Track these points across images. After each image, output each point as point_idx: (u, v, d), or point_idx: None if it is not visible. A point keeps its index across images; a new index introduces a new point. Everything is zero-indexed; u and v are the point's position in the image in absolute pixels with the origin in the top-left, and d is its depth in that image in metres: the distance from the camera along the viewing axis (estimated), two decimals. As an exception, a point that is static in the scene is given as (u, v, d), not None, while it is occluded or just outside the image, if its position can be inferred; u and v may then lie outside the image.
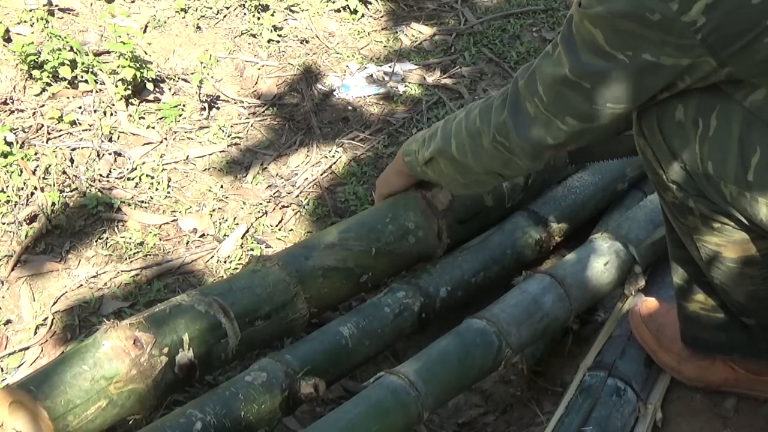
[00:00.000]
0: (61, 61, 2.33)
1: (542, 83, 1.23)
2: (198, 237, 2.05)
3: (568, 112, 1.22)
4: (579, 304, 1.61)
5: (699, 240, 1.30)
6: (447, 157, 1.45)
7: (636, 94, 1.16)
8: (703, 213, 1.24)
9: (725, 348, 1.49)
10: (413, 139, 1.60)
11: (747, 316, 1.40)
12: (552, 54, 1.22)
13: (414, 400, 1.37)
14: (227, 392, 1.37)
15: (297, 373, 1.42)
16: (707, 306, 1.45)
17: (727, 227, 1.24)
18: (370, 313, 1.57)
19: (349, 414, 1.33)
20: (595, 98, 1.17)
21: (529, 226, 1.80)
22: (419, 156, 1.54)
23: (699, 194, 1.22)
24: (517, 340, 1.50)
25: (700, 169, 1.18)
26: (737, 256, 1.28)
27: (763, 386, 1.54)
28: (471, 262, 1.72)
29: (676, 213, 1.30)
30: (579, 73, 1.17)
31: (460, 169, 1.45)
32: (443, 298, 1.66)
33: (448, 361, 1.44)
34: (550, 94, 1.22)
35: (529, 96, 1.26)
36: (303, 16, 2.84)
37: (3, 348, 1.78)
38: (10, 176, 2.07)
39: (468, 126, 1.39)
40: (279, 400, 1.39)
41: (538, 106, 1.24)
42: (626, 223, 1.71)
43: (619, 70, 1.13)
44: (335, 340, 1.51)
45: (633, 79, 1.13)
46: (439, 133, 1.48)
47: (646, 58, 1.10)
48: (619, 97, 1.16)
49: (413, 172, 1.60)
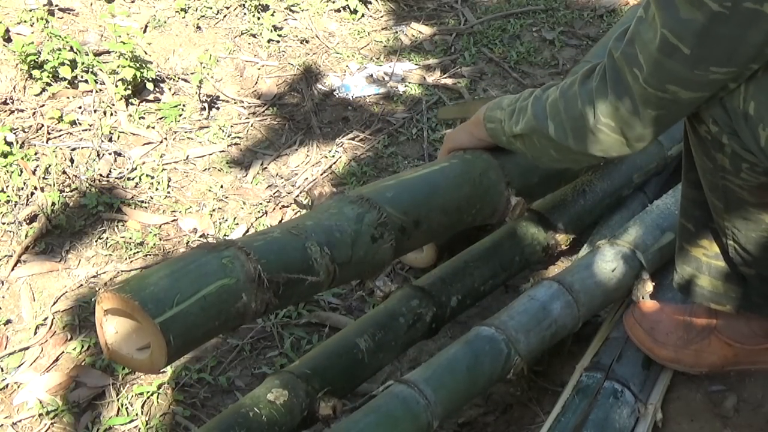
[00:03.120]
0: (61, 61, 2.33)
1: (642, 51, 1.14)
2: (198, 237, 2.05)
3: (670, 81, 1.14)
4: (587, 311, 1.60)
5: (724, 179, 1.28)
6: (543, 136, 1.37)
7: (741, 54, 1.08)
8: (735, 151, 1.22)
9: (721, 298, 1.49)
10: (496, 105, 1.50)
11: (748, 266, 1.40)
12: (646, 17, 1.14)
13: (424, 409, 1.37)
14: (250, 413, 1.34)
15: (317, 392, 1.41)
16: (710, 253, 1.44)
17: (755, 170, 1.23)
18: (386, 323, 1.56)
19: (360, 424, 1.32)
20: (697, 63, 1.10)
21: (539, 233, 1.80)
22: (506, 127, 1.46)
23: (733, 132, 1.20)
24: (526, 348, 1.50)
25: (741, 107, 1.16)
26: (758, 200, 1.27)
27: (764, 356, 1.54)
28: (481, 269, 1.71)
29: (707, 148, 1.27)
30: (678, 33, 1.09)
31: (556, 147, 1.37)
32: (453, 307, 1.66)
33: (458, 370, 1.43)
34: (650, 62, 1.14)
35: (627, 67, 1.18)
36: (303, 16, 2.84)
37: (3, 348, 1.78)
38: (10, 176, 2.07)
39: (567, 108, 1.31)
40: (298, 421, 1.39)
41: (637, 77, 1.17)
42: (633, 229, 1.71)
43: (719, 24, 1.05)
44: (352, 354, 1.50)
45: (736, 34, 1.05)
46: (529, 110, 1.39)
47: (748, 6, 1.02)
48: (722, 58, 1.08)
49: (496, 140, 1.52)
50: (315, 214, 1.34)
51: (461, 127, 1.64)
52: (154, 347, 1.10)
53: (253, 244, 1.20)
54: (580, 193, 1.87)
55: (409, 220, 1.41)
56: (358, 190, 1.44)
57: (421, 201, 1.45)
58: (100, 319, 1.13)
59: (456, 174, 1.53)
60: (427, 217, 1.45)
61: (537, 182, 1.68)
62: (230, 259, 1.16)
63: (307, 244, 1.25)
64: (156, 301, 1.08)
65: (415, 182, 1.49)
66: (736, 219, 1.33)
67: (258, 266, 1.17)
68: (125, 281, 1.12)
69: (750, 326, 1.53)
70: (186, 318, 1.10)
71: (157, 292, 1.09)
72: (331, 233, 1.29)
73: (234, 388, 1.71)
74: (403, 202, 1.42)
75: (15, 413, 1.67)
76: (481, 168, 1.55)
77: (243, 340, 1.79)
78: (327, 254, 1.27)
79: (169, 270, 1.13)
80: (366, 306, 1.87)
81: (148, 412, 1.66)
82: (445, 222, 1.50)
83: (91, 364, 1.74)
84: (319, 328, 1.83)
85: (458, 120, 2.04)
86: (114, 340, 1.14)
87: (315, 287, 1.28)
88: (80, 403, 1.67)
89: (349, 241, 1.31)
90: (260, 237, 1.24)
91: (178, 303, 1.09)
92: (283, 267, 1.21)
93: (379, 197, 1.40)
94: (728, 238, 1.38)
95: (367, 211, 1.36)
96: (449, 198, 1.50)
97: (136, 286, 1.10)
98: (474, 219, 1.57)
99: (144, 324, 1.09)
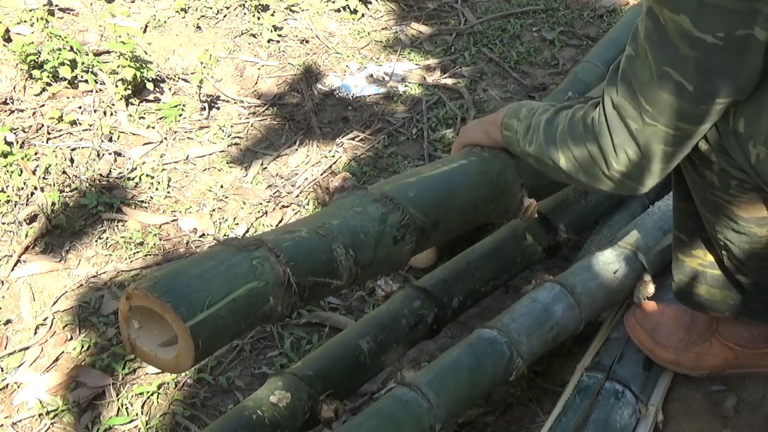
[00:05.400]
0: (61, 61, 2.33)
1: (642, 92, 1.14)
2: (198, 237, 2.05)
3: (678, 118, 1.13)
4: (589, 313, 1.60)
5: (713, 194, 1.28)
6: (554, 166, 1.35)
7: (741, 81, 1.08)
8: (723, 168, 1.22)
9: (718, 305, 1.49)
10: (514, 113, 1.46)
11: (744, 274, 1.40)
12: (637, 56, 1.14)
13: (426, 412, 1.37)
14: (253, 415, 1.34)
15: (319, 395, 1.41)
16: (705, 262, 1.44)
17: (744, 186, 1.23)
18: (388, 324, 1.56)
19: (362, 427, 1.32)
20: (702, 97, 1.10)
21: (540, 233, 1.80)
22: (520, 141, 1.44)
23: (722, 150, 1.20)
24: (528, 350, 1.50)
25: (730, 124, 1.15)
26: (748, 215, 1.27)
27: (765, 360, 1.54)
28: (483, 270, 1.71)
29: (696, 165, 1.27)
30: (680, 70, 1.08)
31: (568, 178, 1.36)
32: (454, 308, 1.66)
33: (460, 372, 1.43)
34: (655, 103, 1.13)
35: (631, 110, 1.16)
36: (303, 16, 2.84)
37: (3, 348, 1.78)
38: (10, 176, 2.07)
39: (576, 147, 1.28)
40: (300, 424, 1.38)
41: (644, 119, 1.15)
42: (635, 231, 1.71)
43: (716, 56, 1.04)
44: (354, 356, 1.50)
45: (733, 62, 1.05)
46: (541, 135, 1.36)
47: (739, 33, 1.02)
48: (725, 89, 1.08)
49: (510, 148, 1.50)
50: (339, 212, 1.31)
51: (478, 124, 1.60)
52: (181, 348, 1.08)
53: (282, 244, 1.18)
54: (581, 194, 1.87)
55: (429, 222, 1.39)
56: (380, 186, 1.42)
57: (441, 201, 1.44)
58: (125, 314, 1.11)
59: (474, 173, 1.51)
60: (446, 217, 1.44)
61: (548, 183, 1.67)
62: (260, 261, 1.14)
63: (334, 246, 1.23)
64: (187, 303, 1.06)
65: (436, 181, 1.47)
66: (728, 231, 1.32)
67: (287, 269, 1.15)
68: (154, 278, 1.09)
69: (750, 331, 1.53)
70: (215, 321, 1.08)
71: (189, 294, 1.07)
72: (357, 234, 1.27)
73: (234, 388, 1.71)
74: (425, 203, 1.40)
75: (15, 413, 1.67)
76: (498, 168, 1.53)
77: (243, 340, 1.79)
78: (351, 257, 1.25)
79: (200, 269, 1.11)
80: (366, 306, 1.87)
81: (148, 412, 1.66)
82: (461, 222, 1.49)
83: (91, 364, 1.74)
84: (319, 328, 1.83)
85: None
86: (137, 335, 1.12)
87: (336, 290, 1.26)
88: (80, 403, 1.67)
89: (372, 243, 1.29)
90: (288, 236, 1.21)
91: (208, 306, 1.07)
92: (311, 270, 1.19)
93: (401, 196, 1.37)
94: (721, 248, 1.38)
95: (390, 211, 1.34)
96: (468, 199, 1.49)
97: (167, 285, 1.08)
98: (487, 219, 1.56)
99: (174, 325, 1.07)
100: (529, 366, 1.57)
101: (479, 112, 2.44)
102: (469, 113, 2.44)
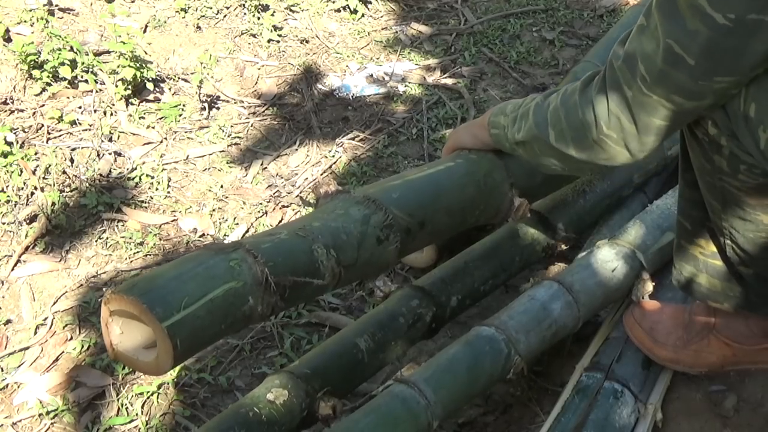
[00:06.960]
0: (61, 61, 2.33)
1: (644, 61, 1.14)
2: (198, 237, 2.05)
3: (674, 91, 1.14)
4: (587, 311, 1.60)
5: (721, 180, 1.28)
6: (544, 144, 1.37)
7: (744, 63, 1.08)
8: (733, 153, 1.22)
9: (718, 296, 1.49)
10: (500, 111, 1.49)
11: (746, 265, 1.40)
12: (648, 26, 1.13)
13: (424, 409, 1.37)
14: (250, 413, 1.34)
15: (317, 392, 1.41)
16: (707, 252, 1.44)
17: (753, 172, 1.23)
18: (386, 323, 1.56)
19: (360, 424, 1.32)
20: (702, 74, 1.10)
21: (539, 233, 1.80)
22: (508, 134, 1.46)
23: (732, 134, 1.20)
24: (526, 348, 1.50)
25: (741, 109, 1.15)
26: (756, 201, 1.27)
27: (763, 356, 1.54)
28: (481, 269, 1.71)
29: (705, 150, 1.27)
30: (684, 44, 1.09)
31: (559, 155, 1.37)
32: (453, 308, 1.66)
33: (458, 370, 1.43)
34: (654, 72, 1.13)
35: (629, 77, 1.17)
36: (303, 16, 2.84)
37: (3, 348, 1.78)
38: (10, 176, 2.07)
39: (568, 117, 1.31)
40: (297, 421, 1.39)
41: (641, 88, 1.16)
42: (633, 229, 1.71)
43: (724, 36, 1.05)
44: (352, 354, 1.50)
45: (740, 44, 1.05)
46: (531, 117, 1.39)
47: (752, 18, 1.02)
48: (726, 68, 1.08)
49: (500, 146, 1.52)
50: (321, 215, 1.33)
51: (465, 127, 1.63)
52: (160, 350, 1.10)
53: (260, 246, 1.20)
54: (580, 193, 1.87)
55: (415, 222, 1.41)
56: (364, 189, 1.43)
57: (426, 202, 1.45)
58: (106, 319, 1.13)
59: (461, 174, 1.53)
60: (432, 218, 1.45)
61: (540, 183, 1.68)
62: (238, 262, 1.15)
63: (314, 246, 1.25)
64: (164, 305, 1.07)
65: (420, 183, 1.48)
66: (734, 219, 1.32)
67: (265, 269, 1.16)
68: (133, 282, 1.11)
69: (748, 326, 1.53)
70: (193, 321, 1.09)
71: (165, 295, 1.09)
72: (338, 235, 1.29)
73: (234, 388, 1.71)
74: (409, 204, 1.41)
75: (15, 413, 1.67)
76: (485, 168, 1.55)
77: (243, 340, 1.79)
78: (333, 257, 1.26)
79: (177, 272, 1.13)
80: (366, 306, 1.87)
81: (148, 412, 1.66)
82: (449, 223, 1.50)
83: (91, 364, 1.74)
84: (319, 328, 1.83)
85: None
86: (119, 340, 1.14)
87: (320, 290, 1.27)
88: (80, 403, 1.67)
89: (355, 244, 1.31)
90: (268, 238, 1.23)
91: (185, 306, 1.09)
92: (290, 270, 1.20)
93: (385, 198, 1.39)
94: (726, 237, 1.38)
95: (373, 212, 1.35)
96: (454, 199, 1.50)
97: (144, 287, 1.10)
98: (477, 220, 1.57)
99: (151, 326, 1.08)
100: (528, 365, 1.58)
101: (479, 112, 2.44)
102: (469, 113, 2.44)
